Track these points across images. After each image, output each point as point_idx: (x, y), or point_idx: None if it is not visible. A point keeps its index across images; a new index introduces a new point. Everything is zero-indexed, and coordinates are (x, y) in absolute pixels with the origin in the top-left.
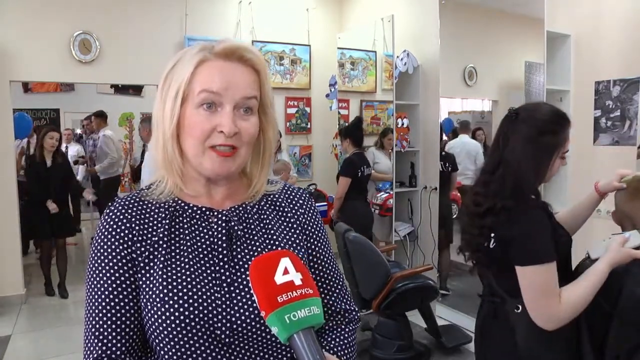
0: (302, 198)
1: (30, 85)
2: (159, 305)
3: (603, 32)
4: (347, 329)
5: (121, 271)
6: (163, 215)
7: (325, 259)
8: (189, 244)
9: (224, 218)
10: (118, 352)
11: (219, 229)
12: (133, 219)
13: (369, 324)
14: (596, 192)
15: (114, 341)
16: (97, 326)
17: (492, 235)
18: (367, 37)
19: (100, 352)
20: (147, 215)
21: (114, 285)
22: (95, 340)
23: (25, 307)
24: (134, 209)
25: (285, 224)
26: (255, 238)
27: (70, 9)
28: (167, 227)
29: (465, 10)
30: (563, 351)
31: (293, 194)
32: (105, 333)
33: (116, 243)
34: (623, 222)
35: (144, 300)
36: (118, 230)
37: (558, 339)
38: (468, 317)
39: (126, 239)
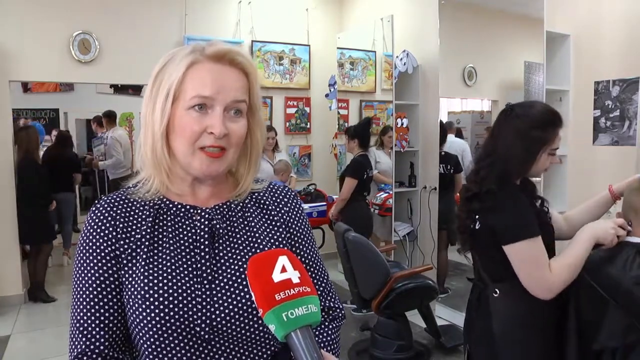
0: (287, 196)
1: (29, 85)
2: (140, 301)
3: (603, 32)
4: (330, 326)
5: (105, 268)
6: (147, 213)
7: (309, 257)
8: (171, 241)
9: (207, 216)
10: (101, 347)
11: (202, 226)
12: (117, 217)
13: (369, 324)
14: (610, 194)
15: (98, 336)
16: (82, 321)
17: (477, 217)
18: (366, 37)
19: (84, 346)
20: (132, 213)
21: (98, 282)
22: (80, 335)
23: (25, 307)
24: (119, 207)
25: (268, 222)
26: (238, 236)
27: (70, 9)
28: (150, 224)
29: (465, 10)
30: (538, 335)
31: (278, 192)
32: (89, 328)
33: (100, 240)
34: (628, 215)
35: (127, 297)
36: (103, 227)
37: (532, 327)
38: None
39: (110, 236)
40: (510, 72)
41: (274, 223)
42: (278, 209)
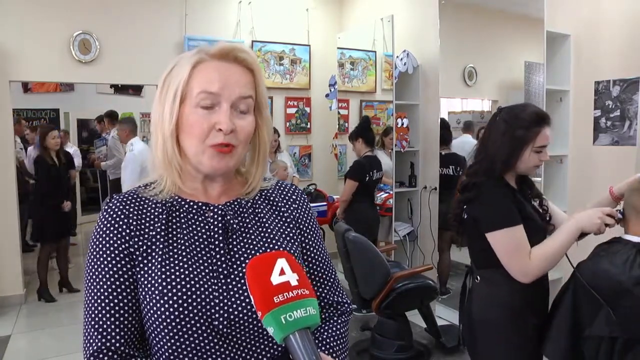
0: (295, 194)
1: (30, 85)
2: (157, 297)
3: (603, 32)
4: (339, 321)
5: (119, 265)
6: (160, 210)
7: (318, 253)
8: (186, 237)
9: (219, 212)
10: (117, 344)
11: (215, 222)
12: (130, 215)
13: (369, 324)
14: (611, 196)
15: (113, 333)
16: (97, 319)
17: (465, 207)
18: (367, 37)
19: (99, 344)
20: (145, 210)
21: (112, 279)
22: (95, 333)
23: (25, 307)
24: (132, 205)
25: (279, 218)
26: (251, 232)
27: (70, 9)
28: (164, 222)
29: (465, 10)
30: (513, 320)
31: (286, 190)
32: (105, 326)
33: (114, 238)
34: (629, 215)
35: (143, 294)
36: (116, 225)
37: (508, 308)
38: None
39: (124, 233)
40: (510, 72)
41: (284, 219)
42: (287, 206)
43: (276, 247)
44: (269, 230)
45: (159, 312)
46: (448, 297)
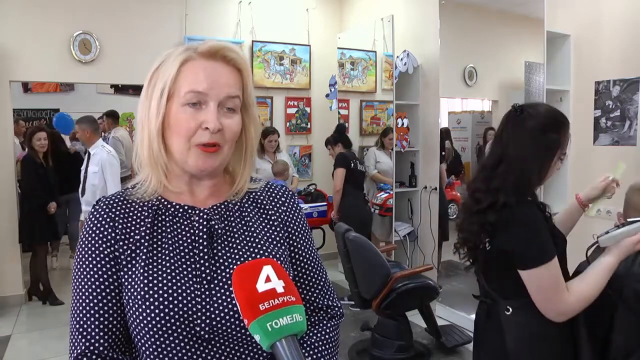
0: (285, 196)
1: (30, 85)
2: (140, 302)
3: (603, 32)
4: (329, 324)
5: (104, 269)
6: (146, 214)
7: (307, 256)
8: (170, 242)
9: (205, 216)
10: (101, 348)
11: (200, 227)
12: (116, 218)
13: (369, 324)
14: (578, 202)
15: (97, 337)
16: (81, 322)
17: (488, 239)
18: (367, 37)
19: (84, 347)
20: (131, 213)
21: (97, 283)
22: (80, 337)
23: (25, 307)
24: (118, 208)
25: (266, 221)
26: (236, 236)
27: (70, 9)
28: (149, 225)
29: (465, 10)
30: (553, 348)
31: (275, 191)
32: (89, 329)
33: (100, 242)
34: (630, 216)
35: (126, 297)
36: (102, 229)
37: (547, 342)
38: (468, 317)
39: (109, 237)
40: (510, 72)
41: (271, 222)
42: (275, 209)
43: (262, 251)
44: (255, 235)
45: (141, 317)
46: (448, 297)
